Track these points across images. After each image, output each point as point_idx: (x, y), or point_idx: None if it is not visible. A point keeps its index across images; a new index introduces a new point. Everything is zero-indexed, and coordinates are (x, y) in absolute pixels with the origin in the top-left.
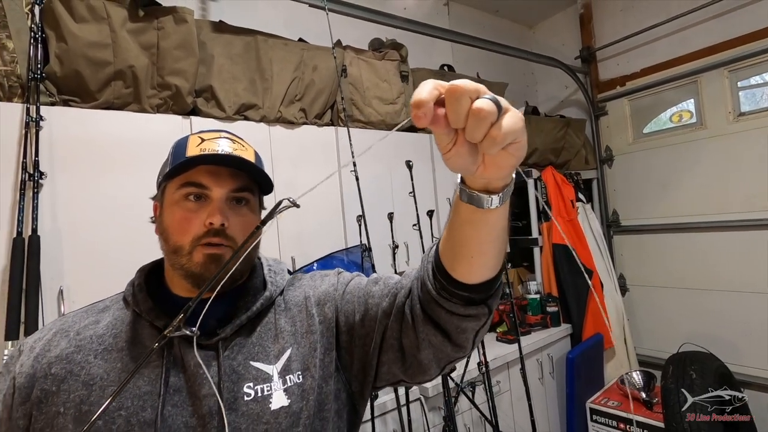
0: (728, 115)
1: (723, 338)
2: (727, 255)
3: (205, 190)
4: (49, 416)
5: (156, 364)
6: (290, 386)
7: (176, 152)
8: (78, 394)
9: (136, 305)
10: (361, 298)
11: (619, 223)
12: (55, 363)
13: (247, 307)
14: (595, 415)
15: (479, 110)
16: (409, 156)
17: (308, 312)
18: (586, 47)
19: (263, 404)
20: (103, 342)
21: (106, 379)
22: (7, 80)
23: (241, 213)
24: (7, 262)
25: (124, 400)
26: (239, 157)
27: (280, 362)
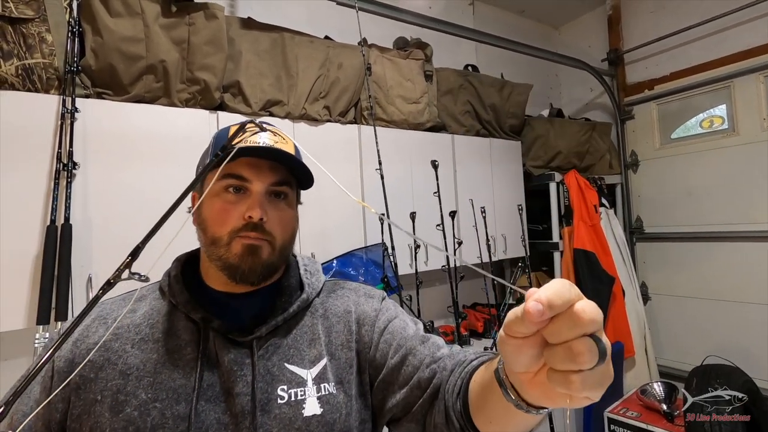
0: (763, 121)
1: (750, 352)
2: (756, 266)
3: (246, 182)
4: (87, 403)
5: (191, 357)
6: (324, 395)
7: (217, 143)
8: (115, 383)
9: (173, 296)
10: (402, 348)
11: (642, 230)
12: (93, 349)
13: (284, 307)
14: (613, 425)
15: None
16: (431, 157)
17: (348, 327)
18: (613, 49)
19: (296, 409)
20: (140, 332)
21: (142, 369)
22: (45, 72)
23: (280, 207)
24: (40, 249)
25: (159, 393)
26: (280, 150)
27: (316, 369)
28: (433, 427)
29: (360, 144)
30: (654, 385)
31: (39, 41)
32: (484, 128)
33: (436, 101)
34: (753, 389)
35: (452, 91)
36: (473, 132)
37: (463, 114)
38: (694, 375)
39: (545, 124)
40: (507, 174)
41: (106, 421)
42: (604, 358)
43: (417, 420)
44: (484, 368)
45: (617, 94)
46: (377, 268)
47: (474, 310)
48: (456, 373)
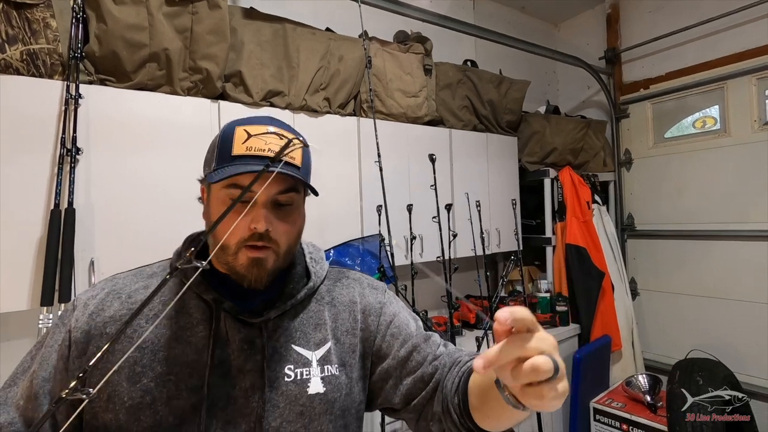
0: (753, 123)
1: (733, 348)
2: (742, 265)
3: (251, 192)
4: (104, 372)
5: (203, 335)
6: (327, 376)
7: (222, 146)
8: (131, 355)
9: (184, 277)
10: (407, 343)
11: (633, 227)
12: (109, 323)
13: (292, 294)
14: (598, 415)
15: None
16: (429, 150)
17: (354, 316)
18: (611, 48)
19: (301, 387)
20: (153, 308)
21: (156, 344)
22: (50, 58)
23: (285, 214)
24: (44, 232)
25: (173, 367)
26: (284, 172)
27: (321, 351)
28: (430, 416)
29: (359, 136)
30: (639, 377)
31: (44, 27)
32: (482, 123)
33: (435, 95)
34: (734, 383)
35: (451, 85)
36: (471, 127)
37: (461, 109)
38: (678, 368)
39: (541, 120)
40: (503, 169)
41: (124, 390)
42: (558, 372)
43: (417, 410)
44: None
45: (613, 93)
46: (373, 259)
47: (467, 301)
48: (454, 372)
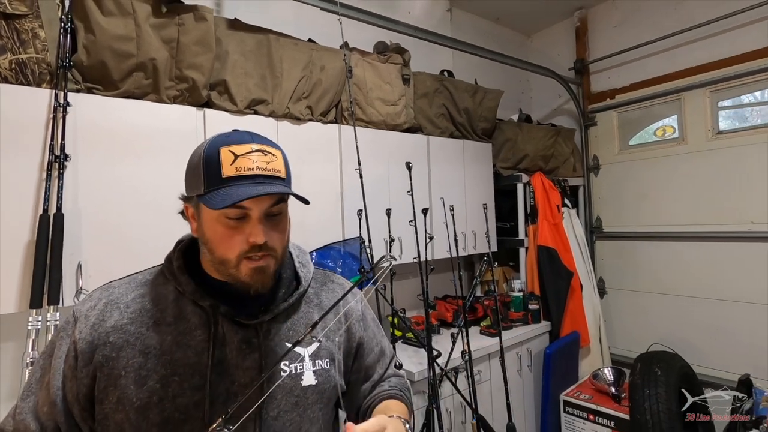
0: (707, 132)
1: (690, 341)
2: (698, 264)
3: (245, 209)
4: (111, 377)
5: (202, 339)
6: (318, 369)
7: (209, 168)
8: (136, 360)
9: (179, 285)
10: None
11: (601, 229)
12: (111, 333)
13: (285, 298)
14: (568, 407)
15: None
16: (407, 157)
17: (339, 319)
18: (580, 59)
19: (296, 380)
20: (153, 316)
21: (159, 349)
22: (38, 67)
23: (277, 223)
24: (32, 237)
25: (176, 368)
26: (275, 175)
27: (311, 348)
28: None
29: (340, 143)
30: (604, 371)
31: (32, 36)
32: (458, 130)
33: (413, 104)
34: (689, 373)
35: (428, 94)
36: (447, 134)
37: (438, 116)
38: (639, 361)
39: (514, 128)
40: (478, 174)
41: (132, 392)
42: None
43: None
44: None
45: (582, 102)
46: (354, 261)
47: (445, 301)
48: (372, 395)
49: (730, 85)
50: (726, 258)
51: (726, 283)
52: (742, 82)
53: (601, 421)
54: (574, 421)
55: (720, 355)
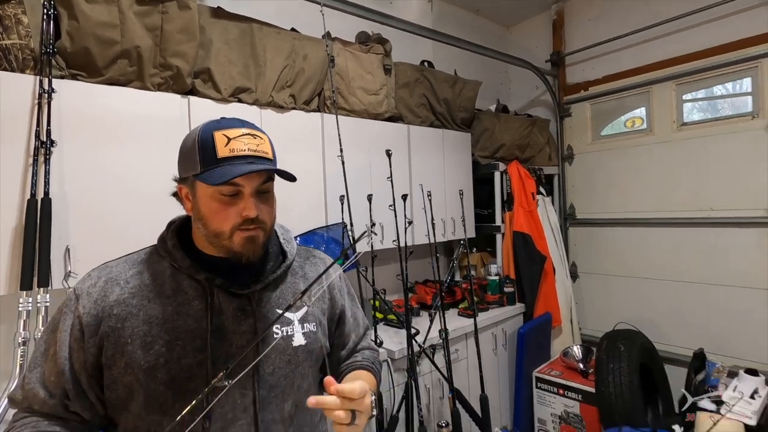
0: (672, 123)
1: (652, 320)
2: (661, 248)
3: (239, 187)
4: (118, 345)
5: (200, 308)
6: (307, 332)
7: (204, 151)
8: (140, 329)
9: (174, 261)
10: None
11: (575, 216)
12: (115, 306)
13: (273, 270)
14: (540, 383)
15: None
16: (388, 144)
17: (322, 287)
18: (556, 52)
19: (288, 341)
20: (152, 290)
21: (161, 318)
22: (22, 53)
23: (266, 199)
24: (20, 221)
25: (179, 334)
26: (264, 157)
27: (300, 313)
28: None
29: (323, 131)
30: (574, 348)
31: (15, 23)
32: (438, 120)
33: (394, 93)
34: (650, 348)
35: (409, 84)
36: (427, 123)
37: (419, 106)
38: (605, 338)
39: (492, 118)
40: (457, 163)
41: (140, 356)
42: (354, 422)
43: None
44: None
45: (558, 93)
46: (337, 245)
47: (424, 285)
48: (344, 365)
49: (693, 79)
50: (686, 243)
51: (686, 267)
52: (705, 76)
53: (570, 395)
54: (545, 395)
55: (678, 332)
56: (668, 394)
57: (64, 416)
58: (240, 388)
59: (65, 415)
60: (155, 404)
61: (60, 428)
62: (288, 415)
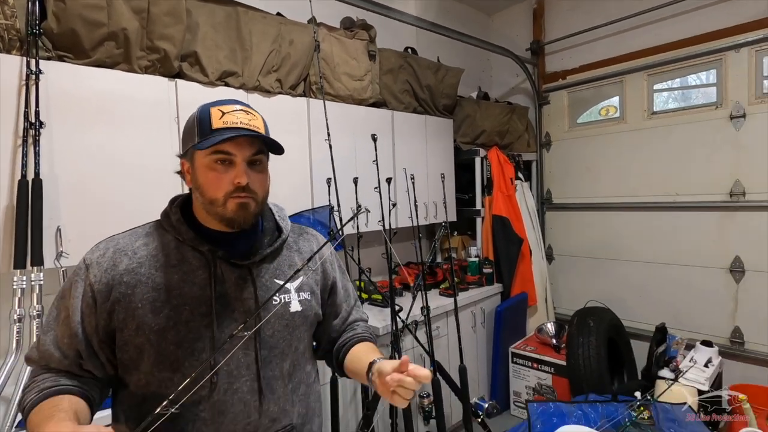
0: (644, 112)
1: (621, 298)
2: (629, 231)
3: (231, 156)
4: (129, 310)
5: (204, 277)
6: (302, 299)
7: (202, 124)
8: (149, 295)
9: (179, 234)
10: (340, 296)
11: (551, 201)
12: (124, 274)
13: (270, 243)
14: (516, 358)
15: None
16: (372, 130)
17: (314, 260)
18: (536, 40)
19: (285, 308)
20: (159, 260)
21: (168, 285)
22: (7, 33)
23: (257, 171)
24: (10, 201)
25: (186, 299)
26: (255, 130)
27: (296, 283)
28: (326, 351)
29: (308, 116)
30: (547, 325)
31: (0, 2)
32: (421, 106)
33: (378, 79)
34: (617, 324)
35: (393, 70)
36: (411, 109)
37: (402, 92)
38: (576, 315)
39: (473, 105)
40: (439, 148)
41: (150, 320)
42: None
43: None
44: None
45: (537, 82)
46: (323, 228)
47: (407, 267)
48: (347, 336)
49: (663, 70)
50: (653, 226)
51: (652, 248)
52: (674, 67)
53: (543, 368)
54: (520, 369)
55: (644, 309)
56: (633, 366)
57: (79, 374)
58: (243, 349)
59: (80, 373)
60: (166, 362)
61: (77, 383)
62: (287, 372)
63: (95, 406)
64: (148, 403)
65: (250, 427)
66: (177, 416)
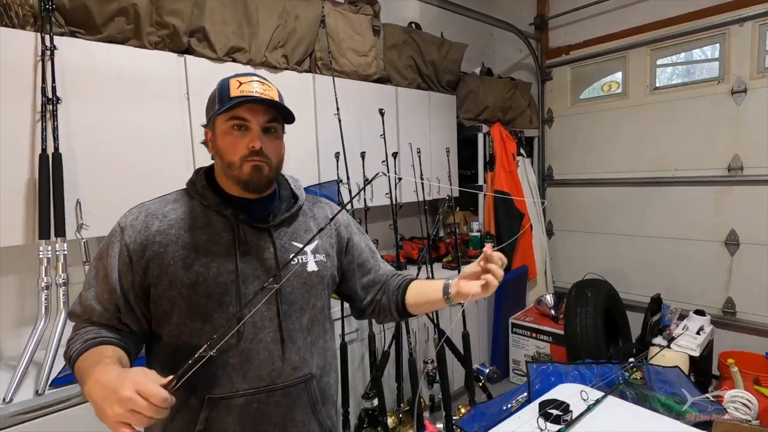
0: (646, 88)
1: (619, 271)
2: (629, 206)
3: (246, 122)
4: (162, 266)
5: (228, 238)
6: (318, 260)
7: (222, 93)
8: (180, 253)
9: (204, 200)
10: (363, 254)
11: (552, 177)
12: (156, 235)
13: (288, 209)
14: (515, 328)
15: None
16: (377, 106)
17: (329, 226)
18: (539, 15)
19: (303, 267)
20: (187, 223)
21: (197, 244)
22: (22, 9)
23: (271, 138)
24: (32, 175)
25: (213, 257)
26: (269, 98)
27: (312, 245)
28: (374, 303)
29: (314, 91)
30: (546, 296)
31: None
32: (424, 82)
33: (383, 55)
34: (614, 295)
35: (397, 46)
36: (414, 85)
37: (406, 68)
38: (574, 287)
39: (476, 80)
40: (443, 124)
41: (182, 275)
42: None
43: (369, 298)
44: (422, 285)
45: (540, 57)
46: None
47: (411, 242)
48: (395, 280)
49: (667, 45)
50: (652, 201)
51: (650, 222)
52: (677, 42)
53: (542, 337)
54: (519, 339)
55: (641, 281)
56: (628, 336)
57: (118, 327)
58: (266, 303)
59: (119, 326)
60: (197, 314)
61: (117, 335)
62: (306, 326)
63: (132, 357)
64: (180, 352)
65: (274, 373)
66: (210, 362)
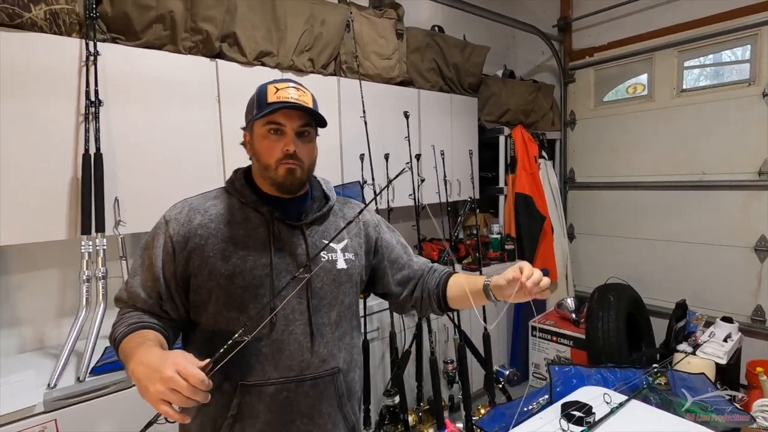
0: (672, 90)
1: (643, 276)
2: (654, 210)
3: (282, 126)
4: (203, 257)
5: (263, 233)
6: (347, 259)
7: (260, 98)
8: (219, 246)
9: (242, 197)
10: (395, 251)
11: (574, 180)
12: (198, 228)
13: (320, 209)
14: (535, 331)
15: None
16: (400, 108)
17: (359, 226)
18: (563, 17)
19: (332, 264)
20: (226, 218)
21: (235, 238)
22: (69, 17)
23: (306, 142)
24: (74, 173)
25: (250, 251)
26: (304, 105)
27: (341, 244)
28: (412, 299)
29: (339, 94)
30: (567, 300)
31: None
32: (447, 84)
33: (406, 58)
34: (637, 299)
35: (420, 49)
36: (437, 88)
37: (429, 71)
38: (597, 291)
39: (498, 83)
40: (464, 126)
41: (221, 266)
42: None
43: (406, 294)
44: (463, 281)
45: (563, 59)
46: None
47: (431, 243)
48: (434, 274)
49: (695, 47)
50: (678, 205)
51: (675, 227)
52: (706, 44)
53: (562, 341)
54: (540, 342)
55: (665, 287)
56: (652, 342)
57: (159, 314)
58: (297, 297)
59: (160, 313)
60: (234, 304)
61: (158, 321)
62: (334, 321)
63: (170, 343)
64: (217, 339)
65: (303, 364)
66: (244, 350)
